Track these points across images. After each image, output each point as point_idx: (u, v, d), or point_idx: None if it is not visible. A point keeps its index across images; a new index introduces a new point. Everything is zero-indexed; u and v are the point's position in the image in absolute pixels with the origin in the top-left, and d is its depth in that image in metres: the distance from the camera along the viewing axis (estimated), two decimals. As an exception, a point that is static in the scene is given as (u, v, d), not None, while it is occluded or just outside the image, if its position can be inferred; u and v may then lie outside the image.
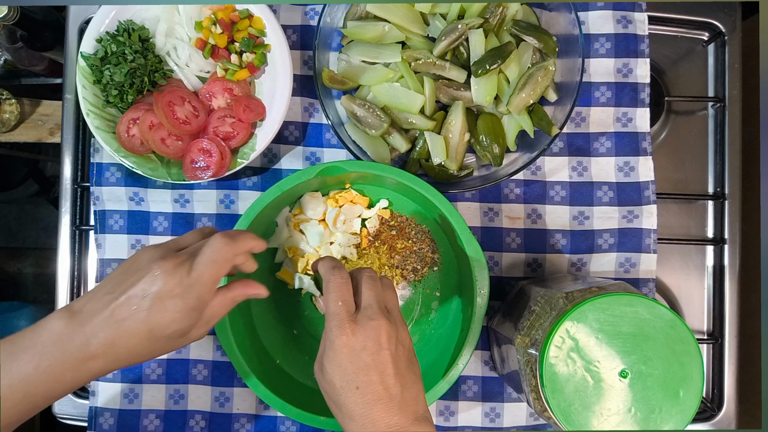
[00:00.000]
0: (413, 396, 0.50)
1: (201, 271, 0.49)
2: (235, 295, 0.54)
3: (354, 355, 0.49)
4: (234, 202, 0.77)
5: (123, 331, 0.47)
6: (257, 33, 0.71)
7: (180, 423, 0.75)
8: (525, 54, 0.72)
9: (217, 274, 0.50)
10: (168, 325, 0.48)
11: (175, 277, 0.48)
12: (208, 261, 0.49)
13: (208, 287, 0.49)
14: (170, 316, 0.48)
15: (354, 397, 0.48)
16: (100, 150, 0.76)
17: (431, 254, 0.75)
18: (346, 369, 0.49)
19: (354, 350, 0.49)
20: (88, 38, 0.71)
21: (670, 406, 0.54)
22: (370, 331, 0.49)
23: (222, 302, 0.53)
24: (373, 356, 0.49)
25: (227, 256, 0.50)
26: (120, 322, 0.47)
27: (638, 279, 0.75)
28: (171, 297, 0.48)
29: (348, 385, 0.49)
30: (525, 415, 0.74)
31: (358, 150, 0.72)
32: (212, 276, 0.49)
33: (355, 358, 0.49)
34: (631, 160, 0.75)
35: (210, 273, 0.49)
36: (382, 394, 0.48)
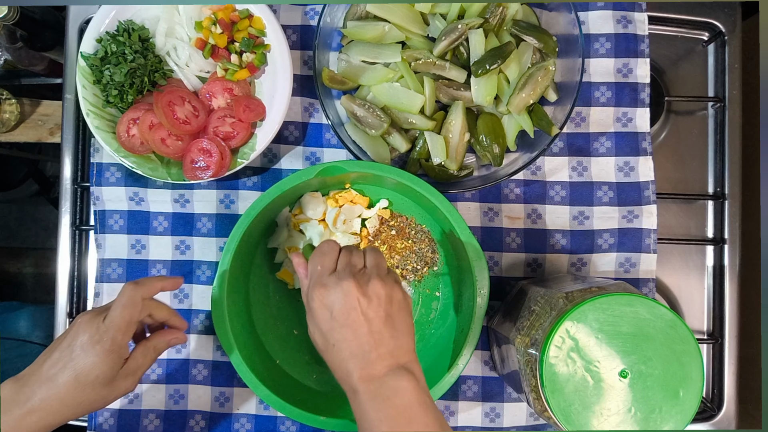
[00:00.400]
0: (389, 350, 0.52)
1: (113, 316, 0.54)
2: (156, 344, 0.59)
3: (327, 315, 0.53)
4: (234, 202, 0.77)
5: (54, 384, 0.53)
6: (257, 33, 0.71)
7: (180, 423, 0.75)
8: (525, 54, 0.72)
9: (127, 317, 0.55)
10: (90, 370, 0.53)
11: (93, 325, 0.54)
12: (118, 306, 0.55)
13: (121, 330, 0.54)
14: (91, 360, 0.53)
15: (332, 353, 0.53)
16: (100, 150, 0.76)
17: (431, 254, 0.75)
18: (323, 329, 0.53)
19: (327, 310, 0.53)
20: (88, 38, 0.71)
21: (670, 406, 0.54)
22: (339, 292, 0.53)
23: (144, 352, 0.58)
24: (345, 315, 0.52)
25: (135, 300, 0.56)
26: (52, 377, 0.53)
27: (638, 279, 0.75)
28: (90, 343, 0.53)
29: (326, 343, 0.53)
30: (525, 415, 0.74)
31: (358, 150, 0.72)
32: (123, 319, 0.55)
33: (329, 318, 0.53)
34: (631, 160, 0.75)
35: (120, 316, 0.54)
36: (356, 350, 0.52)
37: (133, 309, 0.55)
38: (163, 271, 0.76)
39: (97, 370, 0.53)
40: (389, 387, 0.50)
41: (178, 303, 0.76)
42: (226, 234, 0.75)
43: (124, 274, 0.76)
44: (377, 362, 0.51)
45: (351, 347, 0.52)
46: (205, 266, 0.76)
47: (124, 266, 0.76)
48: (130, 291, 0.56)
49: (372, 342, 0.52)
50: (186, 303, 0.76)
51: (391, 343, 0.52)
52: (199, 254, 0.76)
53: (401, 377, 0.51)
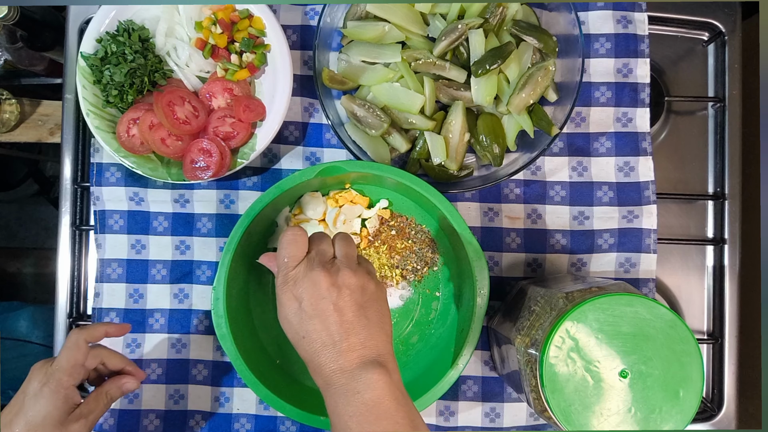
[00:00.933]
0: (360, 341, 0.51)
1: (59, 359, 0.58)
2: (108, 389, 0.62)
3: (296, 306, 0.51)
4: (234, 202, 0.77)
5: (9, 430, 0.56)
6: (257, 33, 0.71)
7: (180, 423, 0.75)
8: (525, 54, 0.72)
9: (72, 359, 0.58)
10: (38, 412, 0.56)
11: (42, 371, 0.58)
12: (64, 350, 0.59)
13: (66, 372, 0.57)
14: (40, 403, 0.56)
15: (303, 346, 0.52)
16: (100, 150, 0.76)
17: (431, 254, 0.75)
18: (292, 321, 0.52)
19: (296, 301, 0.52)
20: (88, 38, 0.71)
21: (670, 406, 0.54)
22: (308, 282, 0.51)
23: (96, 397, 0.61)
24: (314, 306, 0.51)
25: (78, 343, 0.59)
26: (7, 424, 0.56)
27: (638, 279, 0.75)
28: (39, 386, 0.57)
29: (296, 335, 0.52)
30: (525, 415, 0.74)
31: (358, 150, 0.72)
32: (68, 361, 0.58)
33: (298, 310, 0.51)
34: (631, 160, 0.75)
35: (65, 359, 0.58)
36: (326, 340, 0.50)
37: (77, 352, 0.59)
38: (163, 271, 0.76)
39: (45, 412, 0.56)
40: (360, 381, 0.49)
41: (178, 303, 0.76)
42: (226, 234, 0.75)
43: (124, 274, 0.76)
44: (348, 353, 0.50)
45: (321, 338, 0.50)
46: (205, 266, 0.76)
47: (124, 266, 0.76)
48: (74, 335, 0.59)
49: (342, 332, 0.50)
50: (186, 303, 0.76)
51: (362, 334, 0.51)
52: (199, 254, 0.76)
53: (372, 371, 0.49)
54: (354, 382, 0.49)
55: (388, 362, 0.51)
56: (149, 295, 0.76)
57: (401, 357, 0.75)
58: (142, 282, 0.76)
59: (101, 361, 0.62)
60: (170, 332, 0.76)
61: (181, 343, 0.76)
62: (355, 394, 0.48)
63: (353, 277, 0.52)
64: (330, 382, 0.50)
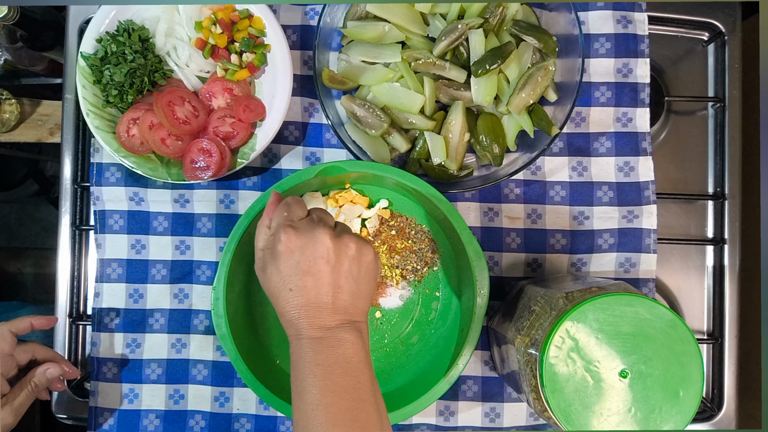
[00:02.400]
0: (345, 305, 0.51)
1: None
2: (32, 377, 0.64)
3: (292, 258, 0.51)
4: (234, 202, 0.77)
5: None
6: (257, 33, 0.71)
7: (180, 423, 0.75)
8: (525, 54, 0.72)
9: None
10: None
11: None
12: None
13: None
14: None
15: (286, 296, 0.51)
16: (100, 150, 0.76)
17: (431, 254, 0.75)
18: (283, 271, 0.51)
19: (293, 253, 0.51)
20: (88, 38, 0.71)
21: (670, 406, 0.54)
22: (310, 238, 0.51)
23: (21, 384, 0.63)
24: (310, 263, 0.51)
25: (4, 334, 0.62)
26: None
27: (638, 279, 0.75)
28: None
29: (283, 286, 0.51)
30: (525, 415, 0.74)
31: (358, 150, 0.72)
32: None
33: (293, 262, 0.51)
34: (631, 160, 0.75)
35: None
36: (313, 298, 0.50)
37: (2, 341, 0.61)
38: (163, 271, 0.76)
39: None
40: (335, 338, 0.50)
41: (178, 303, 0.76)
42: (226, 234, 0.75)
43: (124, 274, 0.76)
44: (331, 315, 0.51)
45: (309, 295, 0.50)
46: (205, 266, 0.76)
47: (124, 266, 0.76)
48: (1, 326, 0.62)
49: (331, 294, 0.51)
50: (186, 303, 0.76)
51: (348, 300, 0.52)
52: (199, 254, 0.76)
53: (350, 332, 0.51)
54: (329, 338, 0.50)
55: (364, 329, 0.53)
56: (149, 295, 0.76)
57: (401, 357, 0.75)
58: (142, 282, 0.76)
59: (33, 356, 0.63)
60: (170, 332, 0.76)
61: (181, 343, 0.76)
62: (328, 348, 0.50)
63: (355, 243, 0.53)
64: (305, 334, 0.50)
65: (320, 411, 0.47)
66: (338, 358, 0.49)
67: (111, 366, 0.75)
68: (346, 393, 0.48)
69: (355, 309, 0.52)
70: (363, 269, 0.53)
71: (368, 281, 0.54)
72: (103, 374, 0.75)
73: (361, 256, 0.53)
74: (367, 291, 0.54)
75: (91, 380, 0.75)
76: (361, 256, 0.53)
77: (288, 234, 0.51)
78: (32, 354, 0.63)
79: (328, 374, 0.49)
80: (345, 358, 0.49)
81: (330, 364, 0.49)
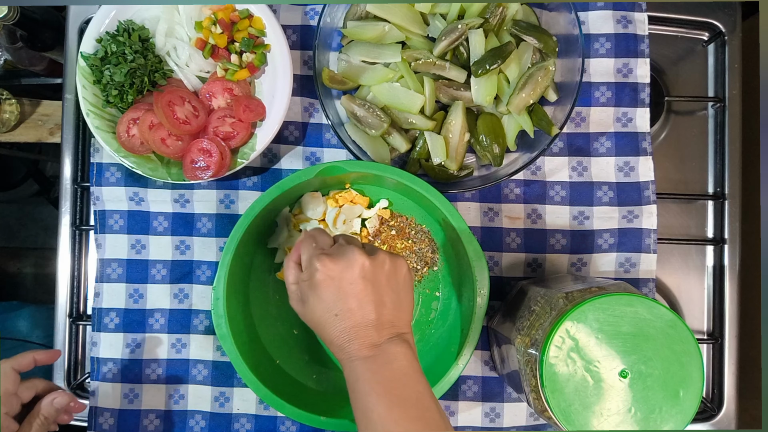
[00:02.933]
0: (391, 319, 0.53)
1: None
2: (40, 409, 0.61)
3: (333, 284, 0.52)
4: (234, 202, 0.77)
5: None
6: (257, 33, 0.71)
7: (180, 423, 0.75)
8: (525, 54, 0.72)
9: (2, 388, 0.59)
10: None
11: None
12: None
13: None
14: None
15: (333, 322, 0.52)
16: (100, 150, 0.76)
17: (431, 254, 0.75)
18: (327, 299, 0.53)
19: (333, 280, 0.52)
20: (88, 38, 0.71)
21: (670, 406, 0.54)
22: (345, 261, 0.52)
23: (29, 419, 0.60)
24: (351, 285, 0.52)
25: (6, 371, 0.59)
26: None
27: (638, 279, 0.75)
28: None
29: (328, 314, 0.53)
30: (525, 415, 0.74)
31: (358, 150, 0.72)
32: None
33: (334, 288, 0.52)
34: (631, 160, 0.75)
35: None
36: (359, 319, 0.52)
37: (6, 380, 0.59)
38: (163, 271, 0.76)
39: None
40: (387, 353, 0.51)
41: (178, 303, 0.76)
42: (226, 234, 0.75)
43: (124, 274, 0.76)
44: (380, 330, 0.52)
45: (355, 318, 0.52)
46: (205, 266, 0.76)
47: (124, 266, 0.76)
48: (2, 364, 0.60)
49: (375, 311, 0.52)
50: (186, 303, 0.76)
51: (392, 314, 0.53)
52: (199, 254, 0.76)
53: (399, 345, 0.52)
54: (382, 355, 0.51)
55: (410, 339, 0.54)
56: (149, 295, 0.76)
57: (401, 357, 0.75)
58: (142, 282, 0.76)
59: (36, 392, 0.62)
60: (170, 332, 0.76)
61: (181, 343, 0.76)
62: (383, 364, 0.51)
63: (389, 258, 0.54)
64: (358, 355, 0.52)
65: (391, 427, 0.48)
66: (395, 372, 0.51)
67: (111, 366, 0.75)
68: (411, 405, 0.50)
69: (400, 321, 0.54)
70: (401, 282, 0.55)
71: (407, 292, 0.56)
72: (103, 374, 0.75)
73: (397, 269, 0.55)
74: (407, 302, 0.55)
75: (91, 380, 0.75)
76: (396, 270, 0.55)
77: (323, 262, 0.52)
78: (35, 390, 0.62)
79: (389, 390, 0.50)
80: (401, 371, 0.51)
81: (389, 380, 0.50)
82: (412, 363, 0.52)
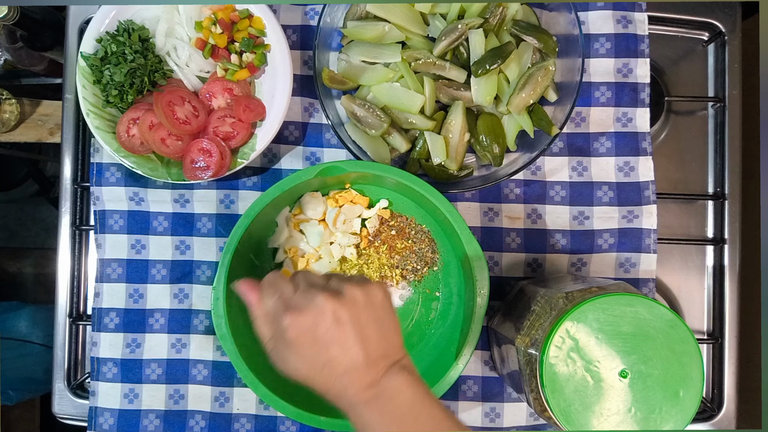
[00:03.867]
0: (381, 352, 0.50)
1: None
2: None
3: (308, 337, 0.48)
4: (234, 202, 0.77)
5: None
6: (257, 33, 0.71)
7: (180, 423, 0.75)
8: (525, 54, 0.72)
9: None
10: None
11: None
12: None
13: None
14: None
15: (322, 375, 0.49)
16: (100, 150, 0.76)
17: (431, 254, 0.75)
18: (307, 355, 0.49)
19: (308, 333, 0.48)
20: (88, 38, 0.71)
21: (670, 406, 0.54)
22: (314, 310, 0.48)
23: None
24: (327, 332, 0.48)
25: None
26: None
27: (638, 279, 0.75)
28: None
29: (314, 368, 0.49)
30: (525, 415, 0.74)
31: (358, 150, 0.72)
32: None
33: (311, 341, 0.48)
34: (631, 160, 0.75)
35: None
36: (348, 364, 0.48)
37: None
38: (163, 271, 0.76)
39: None
40: (389, 389, 0.48)
41: (178, 303, 0.76)
42: (226, 234, 0.75)
43: (124, 274, 0.76)
44: (373, 368, 0.49)
45: (343, 364, 0.48)
46: (205, 266, 0.76)
47: (124, 266, 0.76)
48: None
49: (363, 351, 0.49)
50: (186, 303, 0.76)
51: (382, 346, 0.50)
52: (199, 254, 0.76)
53: (398, 376, 0.49)
54: (384, 392, 0.48)
55: (407, 364, 0.51)
56: (149, 295, 0.76)
57: (401, 357, 0.75)
58: (142, 282, 0.76)
59: None
60: (170, 332, 0.76)
61: (181, 343, 0.76)
62: (388, 402, 0.48)
63: (359, 289, 0.50)
64: (358, 400, 0.48)
65: None
66: (402, 407, 0.48)
67: (111, 366, 0.75)
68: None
69: (391, 349, 0.50)
70: (380, 309, 0.51)
71: (389, 318, 0.52)
72: (103, 374, 0.75)
73: (371, 299, 0.51)
74: (392, 327, 0.52)
75: (91, 380, 0.75)
76: (370, 299, 0.51)
77: (291, 317, 0.49)
78: None
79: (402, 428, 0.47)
80: (408, 404, 0.48)
81: (398, 417, 0.47)
82: (418, 390, 0.49)
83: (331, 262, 0.74)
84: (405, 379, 0.49)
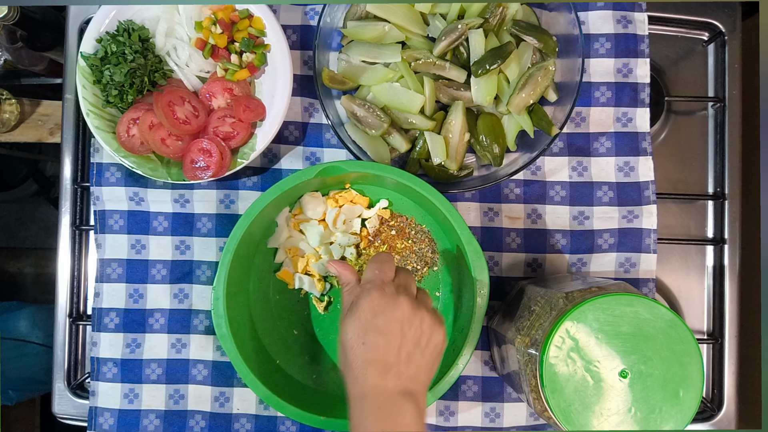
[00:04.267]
0: (410, 374, 0.53)
1: None
2: None
3: (371, 315, 0.54)
4: (234, 202, 0.77)
5: None
6: (257, 33, 0.71)
7: (180, 423, 0.75)
8: (525, 54, 0.72)
9: None
10: None
11: None
12: None
13: None
14: None
15: (358, 350, 0.53)
16: (100, 150, 0.76)
17: (431, 254, 0.75)
18: (360, 326, 0.54)
19: (373, 312, 0.54)
20: (88, 38, 0.71)
21: (670, 406, 0.54)
22: (393, 303, 0.54)
23: None
24: (387, 324, 0.53)
25: None
26: None
27: (638, 279, 0.75)
28: None
29: (357, 339, 0.54)
30: (525, 415, 0.74)
31: (358, 150, 0.72)
32: None
33: (371, 319, 0.54)
34: (631, 160, 0.75)
35: None
36: (381, 356, 0.52)
37: None
38: (163, 271, 0.76)
39: None
40: (395, 405, 0.51)
41: (178, 303, 0.76)
42: (226, 234, 0.75)
43: (124, 274, 0.76)
44: (396, 379, 0.52)
45: (378, 353, 0.52)
46: (205, 266, 0.76)
47: (124, 266, 0.76)
48: None
49: (399, 359, 0.53)
50: (186, 303, 0.76)
51: (412, 369, 0.53)
52: (199, 254, 0.76)
53: (409, 401, 0.52)
54: (390, 405, 0.51)
55: (422, 402, 0.54)
56: (149, 295, 0.76)
57: (401, 357, 0.75)
58: (142, 282, 0.76)
59: None
60: (170, 332, 0.76)
61: (181, 343, 0.76)
62: (389, 415, 0.51)
63: (430, 320, 0.55)
64: (368, 394, 0.52)
65: None
66: (397, 428, 0.50)
67: (111, 366, 0.75)
68: None
69: (417, 379, 0.54)
70: (431, 344, 0.55)
71: (433, 357, 0.56)
72: (103, 374, 0.75)
73: (432, 332, 0.55)
74: (430, 365, 0.56)
75: (91, 380, 0.75)
76: (432, 332, 0.55)
77: (374, 294, 0.55)
78: None
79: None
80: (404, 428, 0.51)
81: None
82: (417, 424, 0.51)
83: (331, 262, 0.74)
84: (412, 410, 0.52)
